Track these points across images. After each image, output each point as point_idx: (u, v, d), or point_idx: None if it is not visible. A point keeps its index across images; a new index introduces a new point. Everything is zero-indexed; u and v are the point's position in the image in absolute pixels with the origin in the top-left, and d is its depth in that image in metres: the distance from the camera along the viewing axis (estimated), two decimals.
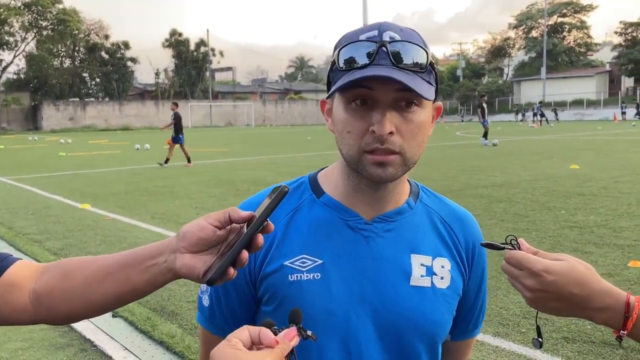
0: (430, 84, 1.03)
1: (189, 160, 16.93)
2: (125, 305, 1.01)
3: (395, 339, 1.08)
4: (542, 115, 45.28)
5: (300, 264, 1.08)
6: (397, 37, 1.00)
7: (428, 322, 1.08)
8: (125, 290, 0.94)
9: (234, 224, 0.89)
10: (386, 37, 1.00)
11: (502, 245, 0.98)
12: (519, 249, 0.97)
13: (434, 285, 1.10)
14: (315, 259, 1.08)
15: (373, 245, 1.09)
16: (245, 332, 0.73)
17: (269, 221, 0.86)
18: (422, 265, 1.10)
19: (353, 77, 0.97)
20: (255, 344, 0.73)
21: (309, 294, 1.06)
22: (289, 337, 0.75)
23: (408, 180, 1.19)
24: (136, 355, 3.97)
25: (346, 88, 1.00)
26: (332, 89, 1.03)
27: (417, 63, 1.00)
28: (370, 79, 0.97)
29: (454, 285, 1.13)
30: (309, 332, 0.79)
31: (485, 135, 22.48)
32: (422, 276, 1.09)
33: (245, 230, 0.86)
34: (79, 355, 3.99)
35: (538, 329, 1.04)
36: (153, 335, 4.20)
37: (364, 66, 0.98)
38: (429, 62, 1.02)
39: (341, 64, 1.01)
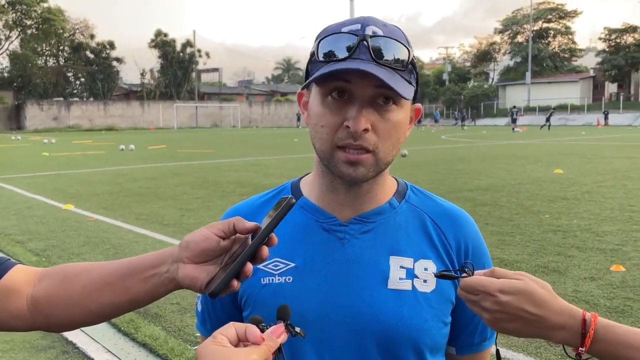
0: (410, 83, 1.00)
1: None
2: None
3: (374, 345, 1.02)
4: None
5: (273, 267, 1.07)
6: (380, 32, 0.98)
7: (408, 328, 1.01)
8: (124, 300, 0.92)
9: (238, 235, 0.88)
10: (369, 31, 0.97)
11: (455, 275, 0.95)
12: (473, 274, 0.95)
13: (415, 289, 1.04)
14: (288, 262, 1.06)
15: (348, 247, 1.06)
16: (231, 328, 0.73)
17: (274, 233, 0.85)
18: (401, 267, 1.05)
19: (330, 69, 0.95)
20: (241, 341, 0.72)
21: (280, 297, 1.02)
22: (277, 334, 0.74)
23: (397, 180, 1.16)
24: (119, 358, 3.93)
25: (323, 80, 0.98)
26: (309, 80, 1.00)
27: (397, 60, 0.98)
28: (348, 71, 0.95)
29: (440, 289, 1.06)
30: (298, 329, 0.78)
31: None
32: (401, 279, 1.04)
33: (249, 241, 0.85)
34: (61, 357, 3.95)
35: (497, 352, 1.01)
36: (136, 338, 4.17)
37: (343, 59, 0.96)
38: (410, 60, 1.00)
39: (320, 56, 0.99)
